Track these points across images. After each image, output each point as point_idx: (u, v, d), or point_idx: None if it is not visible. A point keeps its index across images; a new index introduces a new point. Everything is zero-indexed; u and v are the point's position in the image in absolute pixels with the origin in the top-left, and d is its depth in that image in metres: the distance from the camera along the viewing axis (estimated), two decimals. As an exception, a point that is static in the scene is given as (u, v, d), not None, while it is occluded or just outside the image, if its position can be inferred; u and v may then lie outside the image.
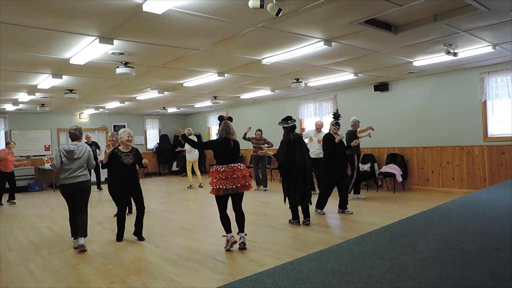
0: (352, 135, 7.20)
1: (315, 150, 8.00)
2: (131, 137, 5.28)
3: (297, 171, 5.47)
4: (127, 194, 5.22)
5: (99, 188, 10.60)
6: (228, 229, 4.54)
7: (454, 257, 2.82)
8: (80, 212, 4.87)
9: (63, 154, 4.75)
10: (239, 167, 4.48)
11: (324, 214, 6.25)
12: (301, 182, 5.48)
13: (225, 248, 4.53)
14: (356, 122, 7.62)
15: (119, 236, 5.20)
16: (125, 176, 5.09)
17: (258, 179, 9.45)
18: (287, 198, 5.64)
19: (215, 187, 4.42)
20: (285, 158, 5.46)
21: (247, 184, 4.51)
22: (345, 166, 6.35)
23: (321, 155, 7.77)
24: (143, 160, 5.38)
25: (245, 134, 9.02)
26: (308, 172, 5.62)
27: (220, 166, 4.44)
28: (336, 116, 6.48)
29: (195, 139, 9.41)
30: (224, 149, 4.50)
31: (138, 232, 5.22)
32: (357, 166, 7.52)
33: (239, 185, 4.42)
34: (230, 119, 4.72)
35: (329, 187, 6.25)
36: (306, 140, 7.92)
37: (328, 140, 6.26)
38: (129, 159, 5.12)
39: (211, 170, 4.58)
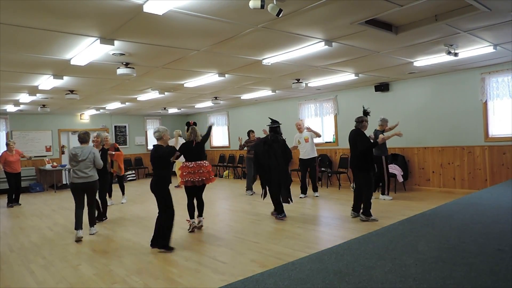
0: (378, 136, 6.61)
1: (306, 150, 7.98)
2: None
3: (272, 169, 6.03)
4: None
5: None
6: (192, 215, 5.54)
7: (455, 257, 2.82)
8: (89, 206, 5.63)
9: (71, 157, 5.42)
10: (204, 164, 5.48)
11: (377, 220, 5.53)
12: (276, 179, 5.99)
13: (188, 230, 5.48)
14: (384, 122, 7.40)
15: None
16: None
17: (252, 180, 8.94)
18: (267, 194, 6.19)
19: (184, 180, 5.38)
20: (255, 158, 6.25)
21: (210, 177, 5.52)
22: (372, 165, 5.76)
23: (313, 155, 7.98)
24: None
25: (240, 145, 8.86)
26: (282, 170, 6.06)
27: (189, 163, 5.41)
28: (365, 112, 6.01)
29: (182, 141, 9.44)
30: (191, 149, 5.49)
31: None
32: (386, 167, 7.30)
33: (204, 178, 5.42)
34: (195, 124, 5.75)
35: (371, 189, 5.66)
36: (296, 144, 8.07)
37: (363, 137, 5.73)
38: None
39: (181, 165, 5.54)
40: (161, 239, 4.63)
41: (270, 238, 4.97)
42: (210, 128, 6.03)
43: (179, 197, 6.59)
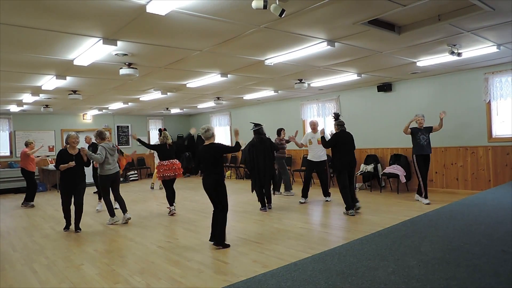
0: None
1: (317, 152, 7.44)
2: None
3: (259, 168, 6.91)
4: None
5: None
6: (171, 203, 6.95)
7: (458, 258, 2.81)
8: (115, 196, 6.43)
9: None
10: (176, 162, 7.04)
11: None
12: (262, 177, 6.88)
13: (168, 214, 6.88)
14: (420, 118, 6.86)
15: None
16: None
17: (288, 183, 8.65)
18: (254, 190, 7.07)
19: (161, 175, 6.86)
20: (244, 158, 7.33)
21: (181, 173, 7.11)
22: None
23: (324, 158, 7.47)
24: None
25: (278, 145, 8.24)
26: (268, 169, 6.95)
27: (164, 161, 6.93)
28: (337, 116, 6.60)
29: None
30: (164, 150, 7.02)
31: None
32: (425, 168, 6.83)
33: (176, 173, 6.94)
34: (165, 130, 7.33)
35: None
36: (306, 143, 7.59)
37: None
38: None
39: (158, 164, 7.07)
40: (218, 237, 4.67)
41: (272, 239, 4.96)
42: (188, 135, 7.42)
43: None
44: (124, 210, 6.36)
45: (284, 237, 5.04)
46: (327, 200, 7.59)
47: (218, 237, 4.68)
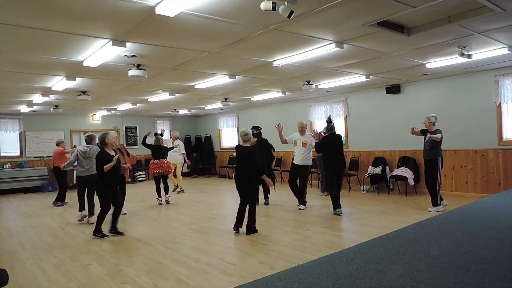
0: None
1: (300, 155, 7.03)
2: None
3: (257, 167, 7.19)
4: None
5: None
6: (159, 195, 8.27)
7: (468, 263, 2.77)
8: (87, 197, 6.70)
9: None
10: (165, 161, 8.21)
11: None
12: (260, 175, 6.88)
13: (158, 203, 8.21)
14: (431, 120, 6.34)
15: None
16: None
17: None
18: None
19: (151, 172, 8.06)
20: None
21: (170, 170, 8.24)
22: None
23: (307, 163, 7.01)
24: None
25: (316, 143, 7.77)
26: (266, 168, 7.11)
27: (156, 160, 8.11)
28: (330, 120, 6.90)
29: (180, 143, 9.82)
30: (158, 151, 8.16)
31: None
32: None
33: (165, 170, 8.09)
34: (162, 135, 8.63)
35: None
36: (291, 143, 7.25)
37: None
38: None
39: (151, 162, 8.21)
40: (250, 226, 5.39)
41: (279, 240, 4.95)
42: (145, 137, 8.29)
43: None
44: (90, 213, 6.55)
45: (291, 239, 5.02)
46: (300, 209, 6.98)
47: (250, 225, 5.39)
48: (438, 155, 6.27)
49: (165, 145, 8.45)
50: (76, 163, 6.72)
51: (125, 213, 7.07)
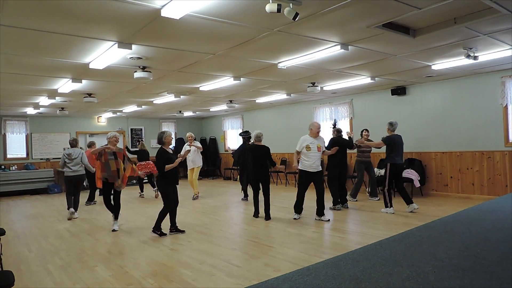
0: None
1: (316, 161, 6.12)
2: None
3: (248, 171, 7.40)
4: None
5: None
6: (142, 190, 10.15)
7: (475, 265, 2.75)
8: (74, 196, 7.35)
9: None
10: (150, 162, 9.01)
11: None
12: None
13: (140, 196, 9.69)
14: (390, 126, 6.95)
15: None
16: None
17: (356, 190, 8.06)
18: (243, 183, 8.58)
19: (139, 172, 7.37)
20: (236, 160, 9.06)
21: (154, 169, 8.41)
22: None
23: (320, 168, 6.22)
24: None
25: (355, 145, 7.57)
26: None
27: (142, 162, 9.23)
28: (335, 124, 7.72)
29: (198, 144, 9.15)
30: (143, 154, 9.82)
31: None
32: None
33: (150, 170, 8.81)
34: (143, 140, 10.73)
35: None
36: (304, 150, 6.12)
37: None
38: None
39: (137, 164, 8.78)
40: (267, 211, 6.41)
41: (284, 243, 4.94)
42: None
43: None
44: (75, 209, 7.31)
45: (297, 241, 5.01)
46: (323, 220, 6.14)
47: (266, 213, 6.40)
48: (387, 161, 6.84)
49: (147, 150, 10.25)
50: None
51: (115, 230, 6.00)
